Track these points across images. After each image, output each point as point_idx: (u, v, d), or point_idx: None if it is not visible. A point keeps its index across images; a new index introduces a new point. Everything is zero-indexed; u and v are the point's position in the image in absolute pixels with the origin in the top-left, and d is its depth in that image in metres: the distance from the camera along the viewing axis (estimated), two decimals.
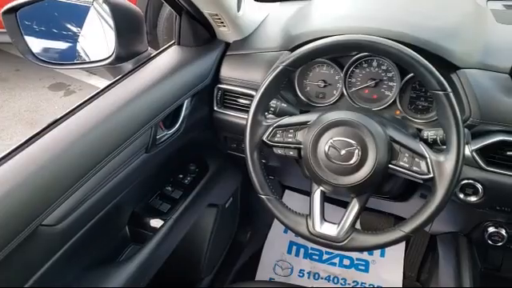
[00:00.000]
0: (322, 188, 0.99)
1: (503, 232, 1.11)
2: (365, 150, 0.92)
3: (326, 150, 0.94)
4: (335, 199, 1.51)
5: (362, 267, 1.94)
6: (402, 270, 1.87)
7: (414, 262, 1.85)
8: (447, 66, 1.03)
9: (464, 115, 1.01)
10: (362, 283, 1.88)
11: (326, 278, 1.90)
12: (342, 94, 1.19)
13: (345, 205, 0.99)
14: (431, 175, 0.88)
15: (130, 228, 1.19)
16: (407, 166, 0.91)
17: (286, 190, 2.04)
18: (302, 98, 1.23)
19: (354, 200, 0.97)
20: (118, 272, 1.07)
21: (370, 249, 0.94)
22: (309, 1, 1.34)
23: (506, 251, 1.24)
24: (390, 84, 1.14)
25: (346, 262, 1.96)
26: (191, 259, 1.48)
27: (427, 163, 0.89)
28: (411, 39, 1.03)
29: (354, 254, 1.98)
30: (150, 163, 1.12)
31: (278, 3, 1.45)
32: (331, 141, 0.94)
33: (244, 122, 1.03)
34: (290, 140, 1.00)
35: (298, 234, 0.99)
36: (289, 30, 1.22)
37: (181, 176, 1.35)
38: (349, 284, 1.87)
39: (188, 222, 1.30)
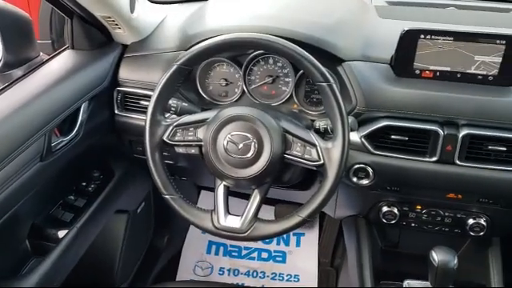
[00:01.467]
0: (224, 183, 1.01)
1: (395, 210, 1.21)
2: (261, 143, 0.95)
3: (225, 144, 0.97)
4: (242, 193, 1.54)
5: (280, 258, 2.00)
6: (316, 258, 1.95)
7: (327, 249, 1.94)
8: (333, 60, 1.10)
9: (351, 104, 1.08)
10: (280, 274, 1.94)
11: (245, 273, 1.94)
12: (243, 92, 1.22)
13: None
14: (322, 161, 0.94)
15: (30, 241, 1.13)
16: (300, 154, 0.96)
17: (202, 191, 2.05)
18: (206, 97, 1.25)
19: (255, 191, 1.00)
20: (19, 286, 1.01)
21: (272, 236, 0.98)
22: (206, 1, 1.36)
23: (402, 228, 1.35)
24: (286, 80, 1.19)
25: (264, 254, 2.02)
26: (102, 268, 1.44)
27: (317, 151, 0.94)
28: (298, 35, 1.08)
29: (272, 247, 2.04)
30: (47, 172, 1.08)
31: (176, 4, 1.46)
32: (229, 136, 0.97)
33: None
34: (190, 138, 1.01)
35: (203, 229, 1.01)
36: (185, 30, 1.24)
37: (84, 184, 1.30)
38: (267, 276, 1.93)
39: (94, 230, 1.26)
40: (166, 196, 1.02)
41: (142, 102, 1.24)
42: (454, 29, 1.04)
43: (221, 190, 1.01)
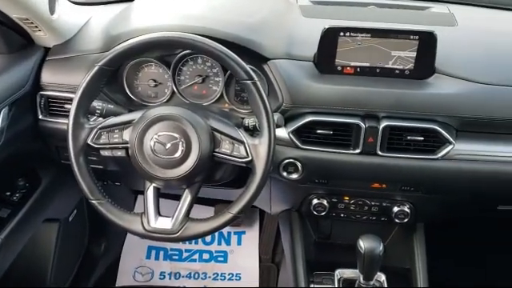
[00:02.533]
0: (154, 184, 1.01)
1: (325, 202, 1.25)
2: (188, 142, 0.95)
3: (152, 145, 0.96)
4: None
5: (221, 258, 2.01)
6: (257, 255, 1.98)
7: (267, 245, 1.97)
8: (258, 58, 1.12)
9: (278, 102, 1.11)
10: (222, 274, 1.95)
11: (187, 276, 1.93)
12: (173, 92, 1.22)
13: None
14: (250, 158, 0.96)
15: None
16: (229, 151, 0.97)
17: (139, 196, 2.01)
18: (135, 98, 1.23)
19: (186, 191, 1.00)
20: None
21: (204, 234, 0.99)
22: (131, 2, 1.34)
23: (334, 220, 1.40)
24: (216, 79, 1.20)
25: (206, 256, 2.02)
26: (32, 279, 1.38)
27: (245, 147, 0.96)
28: (222, 35, 1.09)
29: (213, 247, 2.04)
30: None
31: (101, 5, 1.43)
32: (156, 136, 0.96)
33: None
34: (116, 140, 1.00)
35: (133, 232, 0.99)
36: (110, 30, 1.21)
37: (8, 193, 1.24)
38: (209, 277, 1.93)
39: (21, 240, 1.21)
40: (93, 201, 0.99)
41: (67, 106, 1.20)
42: (371, 26, 1.09)
43: (150, 192, 1.01)
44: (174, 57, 1.18)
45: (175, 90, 1.20)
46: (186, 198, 1.00)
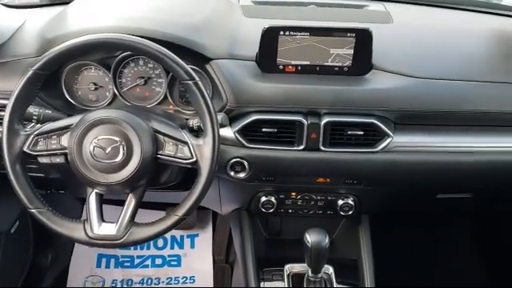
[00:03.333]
0: (96, 190, 0.98)
1: (273, 199, 1.27)
2: (129, 145, 0.94)
3: (92, 150, 0.94)
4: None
5: (175, 262, 1.99)
6: (211, 256, 1.97)
7: (221, 246, 1.97)
8: (201, 59, 1.12)
9: (222, 102, 1.11)
10: (176, 278, 1.93)
11: (139, 282, 1.90)
12: (114, 95, 1.19)
13: None
14: (194, 159, 0.96)
15: None
16: (172, 153, 0.96)
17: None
18: (75, 103, 1.20)
19: (130, 195, 0.99)
20: None
21: (150, 238, 0.97)
22: (68, 4, 1.30)
23: (283, 216, 1.42)
24: (159, 80, 1.19)
25: (158, 261, 1.99)
26: None
27: (189, 148, 0.96)
28: (162, 35, 1.08)
29: (166, 252, 2.02)
30: None
31: (37, 9, 1.38)
32: (95, 140, 0.94)
33: None
34: (54, 146, 0.96)
35: (76, 240, 0.97)
36: (44, 34, 1.17)
37: None
38: (163, 282, 1.90)
39: None
40: (32, 210, 0.96)
41: (1, 113, 1.15)
42: (310, 25, 1.12)
43: (92, 198, 0.98)
44: (114, 59, 1.15)
45: (116, 92, 1.18)
46: (130, 202, 0.98)
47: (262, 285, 1.25)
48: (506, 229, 1.94)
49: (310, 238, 1.07)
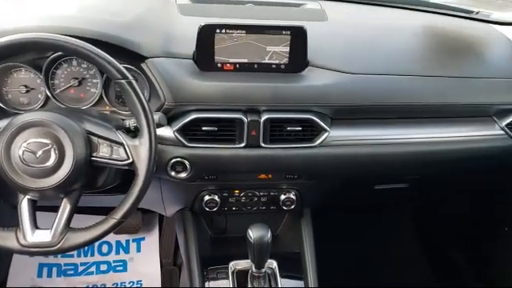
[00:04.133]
0: (28, 196, 0.94)
1: (216, 198, 1.26)
2: (61, 148, 0.91)
3: (21, 154, 0.90)
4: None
5: (120, 268, 1.94)
6: (158, 259, 1.94)
7: (168, 249, 1.95)
8: (136, 57, 1.10)
9: (160, 101, 1.09)
10: (122, 283, 1.89)
11: None
12: (47, 97, 1.15)
13: None
14: (131, 160, 0.94)
15: None
16: (107, 155, 0.94)
17: None
18: (5, 107, 1.14)
19: (64, 200, 0.95)
20: None
21: (87, 244, 0.95)
22: None
23: (228, 214, 1.42)
24: (94, 81, 1.16)
25: (103, 267, 1.94)
26: None
27: (125, 149, 0.94)
28: (94, 34, 1.05)
29: (111, 257, 1.97)
30: None
31: None
32: (25, 144, 0.90)
33: None
34: None
35: (7, 249, 0.92)
36: None
37: None
38: None
39: None
40: None
41: None
42: (245, 22, 1.12)
43: (24, 205, 0.94)
44: (46, 60, 1.11)
45: (49, 95, 1.14)
46: (65, 207, 0.95)
47: (206, 284, 1.24)
48: (441, 215, 2.05)
49: (253, 233, 1.08)
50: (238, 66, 1.15)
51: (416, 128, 1.24)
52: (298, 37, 1.12)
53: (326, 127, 1.15)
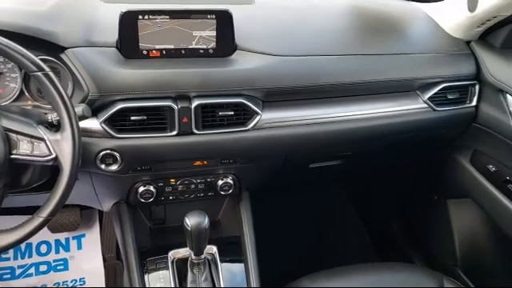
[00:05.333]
0: None
1: (151, 188, 1.23)
2: None
3: None
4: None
5: (61, 267, 1.88)
6: (101, 255, 1.90)
7: (110, 243, 1.91)
8: (54, 48, 1.05)
9: (84, 92, 1.05)
10: (64, 282, 1.83)
11: None
12: None
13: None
14: (54, 155, 0.90)
15: None
16: (28, 151, 0.90)
17: None
18: None
19: None
20: None
21: (13, 245, 0.90)
22: None
23: (167, 204, 1.40)
24: (13, 75, 1.09)
25: (43, 267, 1.87)
26: None
27: (46, 144, 0.90)
28: (6, 26, 0.99)
29: (50, 257, 1.90)
30: None
31: None
32: None
33: None
34: None
35: None
36: None
37: None
38: None
39: None
40: None
41: None
42: (168, 8, 1.10)
43: None
44: None
45: None
46: None
47: (146, 277, 1.23)
48: (375, 188, 2.14)
49: (189, 221, 1.07)
50: (164, 52, 1.12)
51: (345, 106, 1.27)
52: (224, 21, 1.11)
53: (257, 110, 1.16)
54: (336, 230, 2.11)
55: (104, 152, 1.09)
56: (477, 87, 1.37)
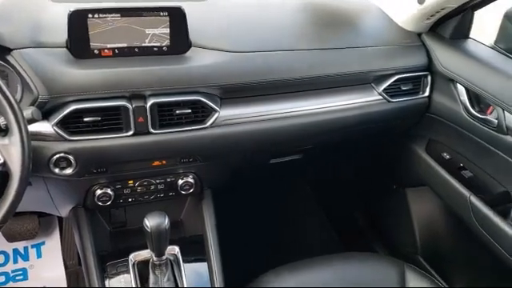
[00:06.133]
0: None
1: (109, 191, 1.20)
2: None
3: None
4: None
5: (20, 277, 1.82)
6: (62, 262, 1.84)
7: (71, 250, 1.86)
8: (0, 50, 1.01)
9: (33, 94, 1.02)
10: None
11: None
12: None
13: None
14: (1, 160, 0.86)
15: None
16: None
17: None
18: None
19: None
20: None
21: None
22: None
23: (127, 207, 1.37)
24: None
25: (1, 278, 1.80)
26: None
27: None
28: None
29: (9, 267, 1.83)
30: None
31: None
32: None
33: None
34: None
35: None
36: None
37: None
38: None
39: None
40: None
41: None
42: (119, 5, 1.07)
43: None
44: None
45: None
46: None
47: (107, 282, 1.20)
48: (337, 180, 2.17)
49: (149, 222, 1.06)
50: (116, 51, 1.10)
51: (303, 100, 1.28)
52: (177, 18, 1.10)
53: (215, 107, 1.15)
54: (301, 226, 2.13)
55: (57, 155, 1.06)
56: (429, 78, 1.41)
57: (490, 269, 1.46)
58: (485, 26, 1.44)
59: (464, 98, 1.32)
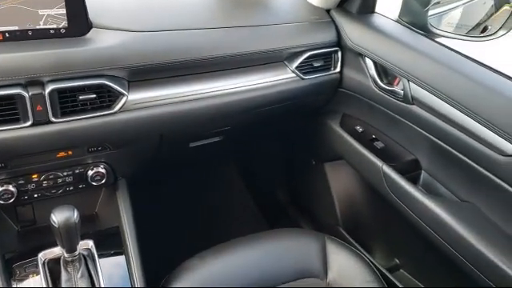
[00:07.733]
0: None
1: (11, 187, 1.11)
2: None
3: None
4: None
5: None
6: None
7: None
8: None
9: None
10: None
11: None
12: None
13: None
14: None
15: None
16: None
17: None
18: None
19: None
20: None
21: None
22: None
23: (35, 203, 1.28)
24: None
25: None
26: None
27: None
28: None
29: None
30: None
31: None
32: None
33: None
34: None
35: None
36: None
37: None
38: None
39: None
40: None
41: None
42: None
43: None
44: None
45: None
46: None
47: (14, 284, 1.11)
48: (258, 160, 2.19)
49: (56, 217, 0.99)
50: (7, 35, 1.00)
51: (216, 81, 1.25)
52: None
53: (122, 91, 1.09)
54: (226, 208, 2.12)
55: None
56: (339, 53, 1.44)
57: (404, 234, 1.54)
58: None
59: (372, 71, 1.36)
